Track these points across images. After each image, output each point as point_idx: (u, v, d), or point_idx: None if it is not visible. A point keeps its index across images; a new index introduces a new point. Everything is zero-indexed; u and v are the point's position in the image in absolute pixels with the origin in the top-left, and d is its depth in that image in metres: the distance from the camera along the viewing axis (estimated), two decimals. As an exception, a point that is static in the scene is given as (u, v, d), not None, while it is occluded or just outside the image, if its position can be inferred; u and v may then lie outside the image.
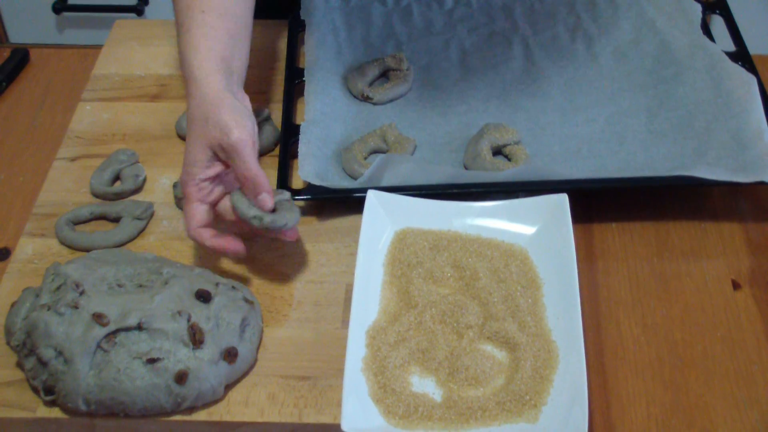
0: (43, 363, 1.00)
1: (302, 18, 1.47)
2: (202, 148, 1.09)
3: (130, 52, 1.49)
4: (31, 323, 1.01)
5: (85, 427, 1.02)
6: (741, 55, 1.37)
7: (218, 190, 1.13)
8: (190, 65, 1.12)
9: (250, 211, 1.09)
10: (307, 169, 1.22)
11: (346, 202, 1.22)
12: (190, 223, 1.10)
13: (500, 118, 1.33)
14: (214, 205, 1.13)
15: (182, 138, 1.33)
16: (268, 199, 1.09)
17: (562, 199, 1.15)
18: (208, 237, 1.11)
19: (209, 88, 1.10)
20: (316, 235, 1.20)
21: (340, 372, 1.02)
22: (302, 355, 1.07)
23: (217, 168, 1.11)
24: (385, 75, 1.42)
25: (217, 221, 1.14)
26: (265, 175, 1.09)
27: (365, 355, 1.04)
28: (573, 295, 1.06)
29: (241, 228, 1.14)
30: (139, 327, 0.99)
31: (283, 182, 1.22)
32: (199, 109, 1.10)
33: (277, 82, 1.41)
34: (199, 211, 1.11)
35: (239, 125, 1.08)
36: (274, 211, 1.10)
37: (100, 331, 0.99)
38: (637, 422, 1.01)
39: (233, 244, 1.11)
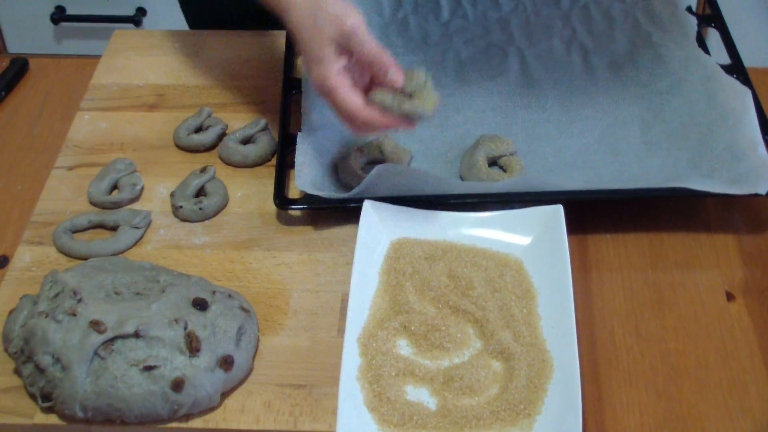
0: (40, 370, 1.00)
1: (300, 29, 1.47)
2: (321, 45, 1.13)
3: (129, 62, 1.50)
4: (29, 330, 1.02)
5: (81, 433, 1.02)
6: (736, 68, 1.38)
7: (354, 86, 1.15)
8: None
9: (389, 100, 1.13)
10: (304, 179, 1.22)
11: (342, 212, 1.22)
12: (355, 105, 1.13)
13: (496, 130, 1.34)
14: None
15: (180, 148, 1.34)
16: (398, 74, 1.14)
17: (557, 210, 1.16)
18: (378, 114, 1.14)
19: None
20: (313, 245, 1.20)
21: (335, 380, 1.02)
22: (298, 363, 1.07)
23: (344, 60, 1.14)
24: (381, 86, 1.43)
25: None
26: (387, 52, 1.13)
27: (360, 363, 1.05)
28: (567, 305, 1.07)
29: (387, 126, 1.16)
30: (136, 334, 1.00)
31: (280, 192, 1.23)
32: (303, 14, 1.14)
33: (274, 93, 1.41)
34: (356, 94, 1.14)
35: (349, 11, 1.12)
36: (411, 95, 1.14)
37: (97, 339, 0.99)
38: (631, 431, 1.02)
39: (404, 123, 1.16)
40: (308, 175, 1.23)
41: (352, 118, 1.14)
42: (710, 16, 1.49)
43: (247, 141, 1.33)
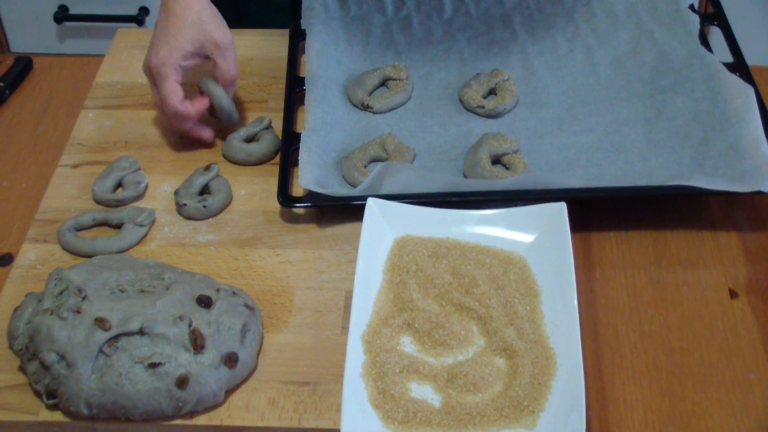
0: (45, 367, 1.00)
1: (303, 27, 1.48)
2: (190, 40, 1.27)
3: (132, 60, 1.50)
4: (34, 327, 1.02)
5: (86, 430, 1.02)
6: (739, 66, 1.38)
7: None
8: None
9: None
10: (308, 177, 1.22)
11: (346, 210, 1.23)
12: (174, 99, 1.27)
13: (499, 127, 1.34)
14: None
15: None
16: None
17: (561, 208, 1.16)
18: (193, 109, 1.28)
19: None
20: (316, 242, 1.20)
21: (339, 377, 1.02)
22: (302, 360, 1.07)
23: (195, 61, 1.29)
24: (384, 84, 1.43)
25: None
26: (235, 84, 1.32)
27: (364, 360, 1.05)
28: (571, 303, 1.07)
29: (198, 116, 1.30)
30: (141, 332, 1.00)
31: (284, 190, 1.23)
32: (194, 10, 1.27)
33: (277, 91, 1.41)
34: (180, 89, 1.27)
35: (227, 30, 1.29)
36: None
37: (102, 336, 1.00)
38: (635, 429, 1.02)
39: (208, 132, 1.32)
40: (312, 173, 1.23)
41: (170, 107, 1.28)
42: (713, 15, 1.49)
43: (251, 139, 1.34)
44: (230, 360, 1.02)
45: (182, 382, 0.99)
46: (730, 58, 1.40)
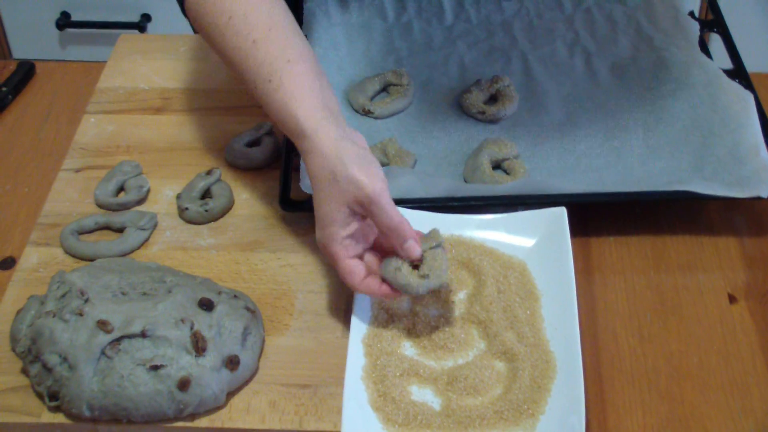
0: (47, 369, 1.01)
1: (304, 34, 1.48)
2: (337, 206, 1.05)
3: (135, 65, 1.51)
4: (37, 330, 1.03)
5: (88, 432, 1.03)
6: (738, 73, 1.38)
7: (360, 246, 1.09)
8: (296, 121, 1.08)
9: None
10: (309, 182, 1.22)
11: (347, 214, 1.23)
12: (354, 279, 1.07)
13: (499, 133, 1.35)
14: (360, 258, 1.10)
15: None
16: (414, 247, 1.05)
17: (561, 213, 1.16)
18: (377, 286, 1.07)
19: (326, 142, 1.06)
20: (317, 247, 1.20)
21: (340, 380, 1.03)
22: (303, 363, 1.08)
23: (356, 225, 1.06)
24: (385, 90, 1.44)
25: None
26: (407, 221, 1.05)
27: (365, 363, 1.06)
28: (571, 307, 1.07)
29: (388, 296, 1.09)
30: (143, 334, 1.01)
31: (285, 194, 1.23)
32: (323, 167, 1.06)
33: (279, 96, 1.42)
34: (356, 265, 1.07)
35: (371, 175, 1.04)
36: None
37: (104, 338, 1.00)
38: (634, 432, 1.03)
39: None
40: (313, 178, 1.24)
41: (351, 286, 1.08)
42: (712, 21, 1.50)
43: (252, 144, 1.34)
44: (231, 362, 1.03)
45: (184, 385, 1.00)
46: (729, 65, 1.40)
